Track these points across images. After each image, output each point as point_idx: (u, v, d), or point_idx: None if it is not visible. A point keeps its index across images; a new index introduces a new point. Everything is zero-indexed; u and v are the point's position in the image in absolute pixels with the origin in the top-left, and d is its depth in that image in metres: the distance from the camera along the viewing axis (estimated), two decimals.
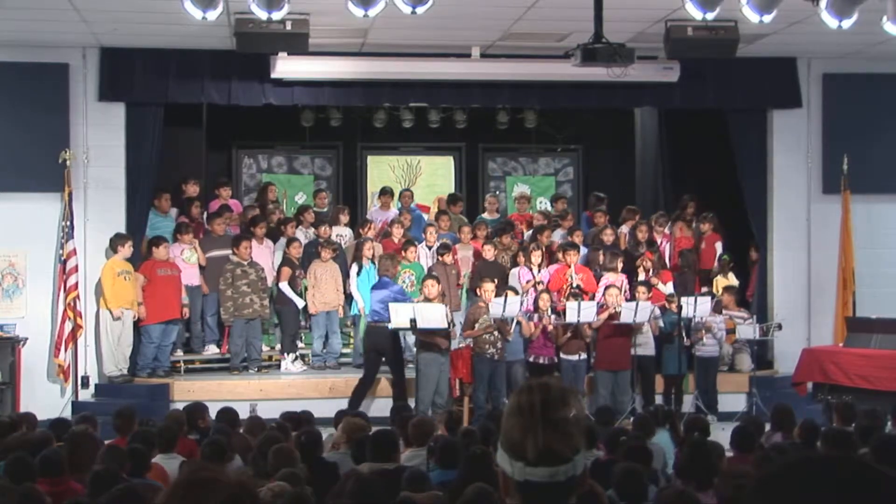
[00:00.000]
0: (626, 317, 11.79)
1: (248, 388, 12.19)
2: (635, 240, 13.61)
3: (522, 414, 2.03)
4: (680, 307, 12.07)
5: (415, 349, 12.44)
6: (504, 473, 2.06)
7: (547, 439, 2.00)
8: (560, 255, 12.88)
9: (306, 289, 12.93)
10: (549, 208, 15.79)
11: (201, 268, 12.96)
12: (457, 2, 10.59)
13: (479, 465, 5.41)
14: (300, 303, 12.86)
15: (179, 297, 12.62)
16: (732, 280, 13.31)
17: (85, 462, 6.24)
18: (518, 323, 11.73)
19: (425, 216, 15.09)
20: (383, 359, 12.04)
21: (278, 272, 12.93)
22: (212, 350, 13.15)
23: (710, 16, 9.64)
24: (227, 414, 8.67)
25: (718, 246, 13.81)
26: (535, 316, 11.91)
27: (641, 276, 12.76)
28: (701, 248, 13.87)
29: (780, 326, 12.89)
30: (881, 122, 13.55)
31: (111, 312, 12.09)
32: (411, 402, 11.09)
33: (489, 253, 13.00)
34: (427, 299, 11.79)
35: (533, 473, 2.01)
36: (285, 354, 12.93)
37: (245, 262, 12.72)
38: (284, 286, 12.82)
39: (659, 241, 13.76)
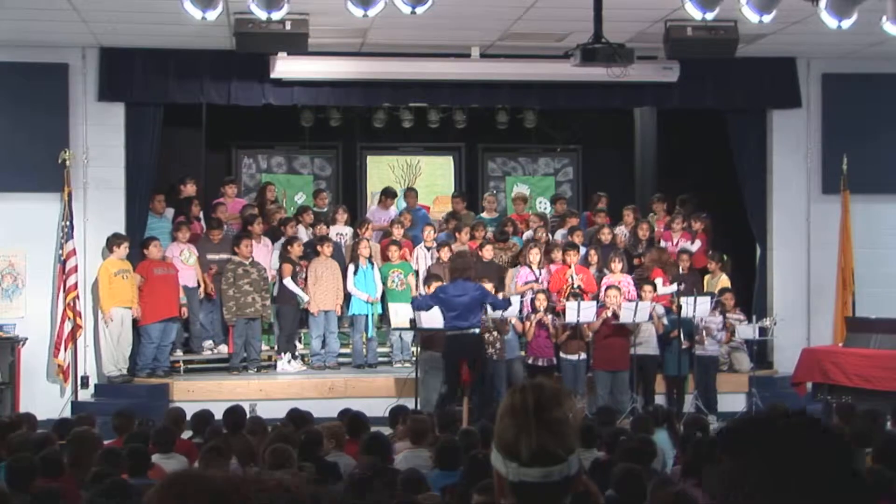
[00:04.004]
0: (627, 317, 11.79)
1: (248, 388, 12.19)
2: (636, 238, 13.61)
3: (516, 414, 2.03)
4: (680, 307, 12.06)
5: (413, 349, 12.47)
6: (498, 474, 2.07)
7: (540, 439, 2.00)
8: (559, 255, 12.86)
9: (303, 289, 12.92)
10: (549, 209, 15.78)
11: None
12: (457, 2, 10.59)
13: (483, 468, 5.39)
14: (305, 297, 12.83)
15: (177, 296, 12.61)
16: (726, 281, 13.27)
17: (87, 463, 6.25)
18: (512, 326, 11.78)
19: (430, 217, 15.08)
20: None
21: (280, 269, 12.90)
22: (208, 345, 13.11)
23: (709, 16, 9.64)
24: (235, 415, 8.54)
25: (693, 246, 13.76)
26: (533, 316, 11.91)
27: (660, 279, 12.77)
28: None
29: (775, 322, 12.88)
30: (880, 122, 13.54)
31: (104, 314, 12.09)
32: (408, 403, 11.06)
33: (487, 253, 12.97)
34: None
35: (527, 474, 2.01)
36: (282, 354, 12.92)
37: (247, 262, 12.72)
38: (289, 282, 12.79)
39: (675, 240, 13.74)
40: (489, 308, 11.28)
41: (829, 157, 13.58)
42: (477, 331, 10.99)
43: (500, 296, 11.84)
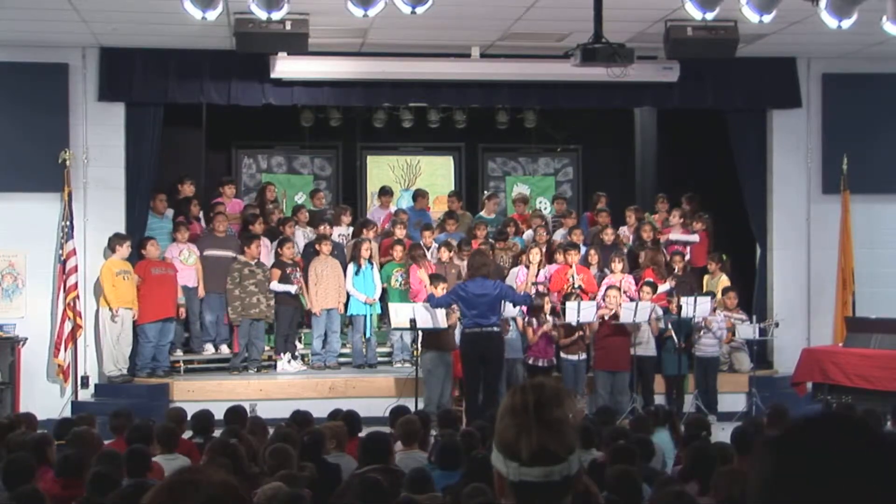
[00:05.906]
0: (627, 317, 11.78)
1: (248, 388, 12.19)
2: (640, 239, 13.61)
3: (516, 414, 2.03)
4: (680, 307, 12.06)
5: (413, 349, 12.46)
6: (499, 473, 2.06)
7: (541, 439, 2.00)
8: (560, 256, 12.85)
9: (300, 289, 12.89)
10: (550, 209, 15.78)
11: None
12: (457, 2, 10.59)
13: (483, 469, 5.38)
14: (293, 289, 12.75)
15: (175, 296, 12.59)
16: (726, 281, 13.27)
17: (87, 463, 6.24)
18: (514, 320, 11.75)
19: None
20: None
21: (270, 272, 12.90)
22: (209, 350, 13.09)
23: (709, 16, 9.64)
24: (236, 414, 8.54)
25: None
26: (534, 321, 11.87)
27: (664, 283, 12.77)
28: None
29: (776, 325, 12.90)
30: (881, 122, 13.55)
31: (112, 311, 12.09)
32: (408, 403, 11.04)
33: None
34: None
35: (527, 473, 2.01)
36: (281, 354, 12.92)
37: (253, 263, 12.71)
38: (275, 286, 12.77)
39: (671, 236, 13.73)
40: (510, 305, 11.26)
41: (829, 157, 13.58)
42: (497, 329, 10.98)
43: None
